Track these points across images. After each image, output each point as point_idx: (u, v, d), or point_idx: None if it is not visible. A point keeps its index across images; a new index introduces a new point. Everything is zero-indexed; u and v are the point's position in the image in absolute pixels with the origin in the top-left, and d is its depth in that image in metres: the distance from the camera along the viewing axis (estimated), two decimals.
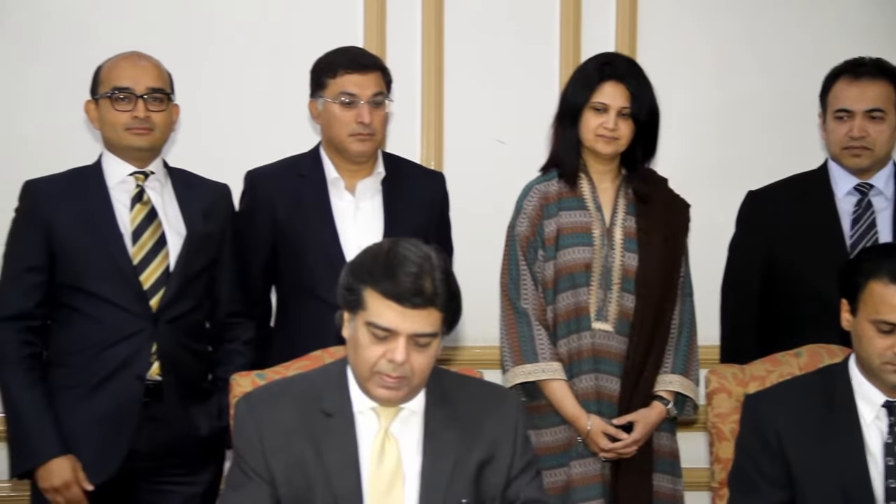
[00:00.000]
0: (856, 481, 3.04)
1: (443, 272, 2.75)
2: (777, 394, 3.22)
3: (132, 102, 3.60)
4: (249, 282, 3.88)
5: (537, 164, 3.92)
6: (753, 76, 4.85)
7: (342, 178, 3.86)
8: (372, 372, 2.75)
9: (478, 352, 4.57)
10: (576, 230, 3.80)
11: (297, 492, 2.78)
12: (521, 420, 2.95)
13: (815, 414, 3.11)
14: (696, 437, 4.43)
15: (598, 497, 3.73)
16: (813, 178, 4.05)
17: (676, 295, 3.84)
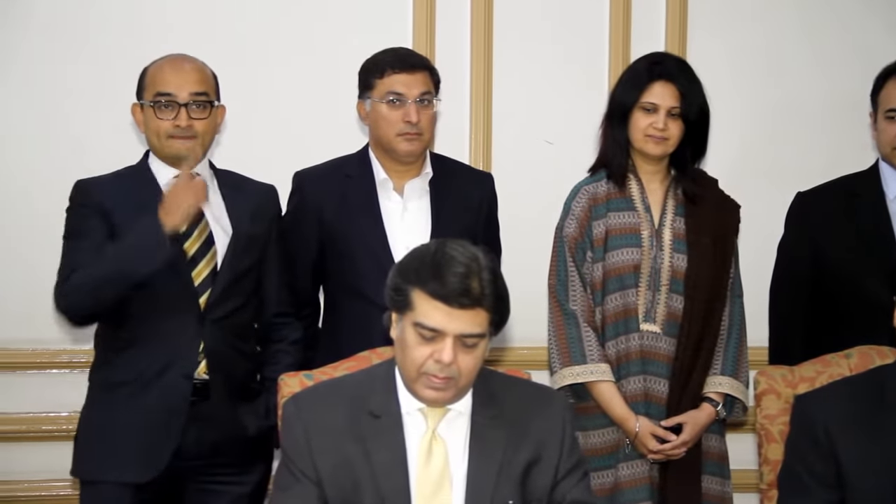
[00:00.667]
0: None
1: (490, 273, 2.75)
2: (827, 393, 3.19)
3: (175, 110, 3.60)
4: (297, 282, 3.89)
5: (586, 165, 3.91)
6: (804, 76, 4.83)
7: (390, 178, 3.87)
8: (419, 373, 2.75)
9: (525, 353, 4.56)
10: (624, 231, 3.79)
11: (344, 493, 2.78)
12: (568, 421, 2.94)
13: (865, 413, 3.08)
14: (745, 439, 4.41)
15: (646, 499, 3.72)
16: (863, 178, 4.03)
17: (726, 296, 3.82)
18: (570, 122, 4.62)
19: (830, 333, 3.90)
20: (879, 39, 4.72)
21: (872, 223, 3.92)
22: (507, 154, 4.69)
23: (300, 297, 3.92)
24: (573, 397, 3.75)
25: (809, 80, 4.82)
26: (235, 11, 4.61)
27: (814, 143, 4.81)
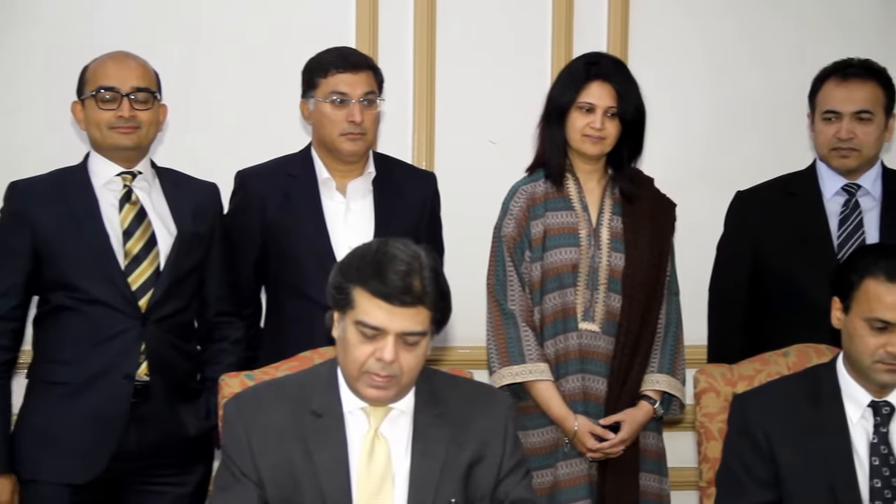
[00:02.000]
0: (842, 481, 3.05)
1: (432, 271, 2.76)
2: (765, 393, 3.24)
3: (117, 102, 3.59)
4: (239, 281, 3.88)
5: (526, 165, 3.93)
6: (744, 77, 4.86)
7: (333, 178, 3.87)
8: (361, 371, 2.75)
9: (466, 352, 4.57)
10: (562, 231, 3.81)
11: (285, 493, 2.78)
12: (511, 420, 2.96)
13: (802, 414, 3.12)
14: (682, 437, 4.44)
15: (584, 497, 3.74)
16: (801, 178, 4.06)
17: (663, 295, 3.85)
18: (513, 122, 4.61)
19: (769, 332, 3.93)
20: (818, 41, 4.76)
21: (810, 223, 3.96)
22: (449, 154, 4.69)
23: (242, 297, 3.91)
24: (512, 396, 3.74)
25: (748, 80, 4.86)
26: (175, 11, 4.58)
27: (753, 143, 4.84)
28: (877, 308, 3.01)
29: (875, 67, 3.95)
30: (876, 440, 3.08)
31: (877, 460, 3.06)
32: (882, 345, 3.02)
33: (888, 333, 3.01)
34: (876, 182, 3.98)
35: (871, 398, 3.10)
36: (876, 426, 3.09)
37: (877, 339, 3.02)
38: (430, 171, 4.38)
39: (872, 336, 3.03)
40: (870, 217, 3.95)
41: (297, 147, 3.98)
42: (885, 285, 3.01)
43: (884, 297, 3.01)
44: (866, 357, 3.05)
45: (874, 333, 3.03)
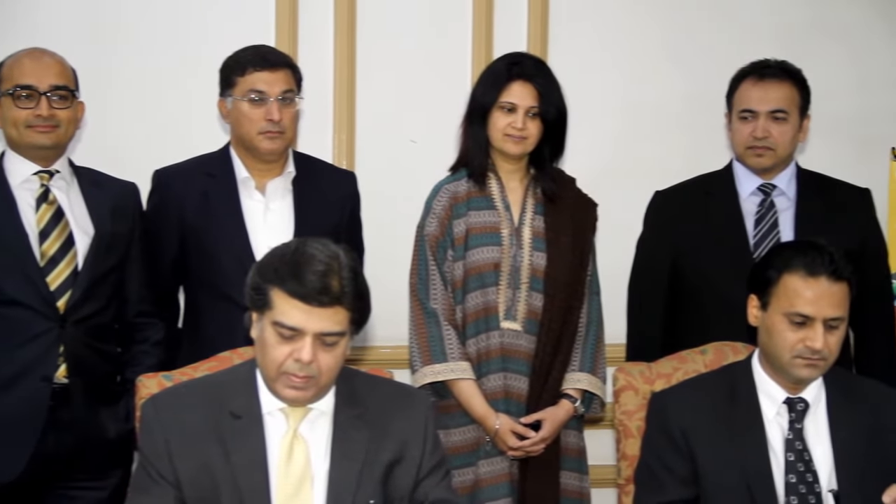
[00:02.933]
0: (758, 477, 3.08)
1: (350, 271, 2.75)
2: (683, 391, 3.26)
3: (35, 100, 3.56)
4: (158, 282, 3.85)
5: (449, 164, 3.94)
6: (663, 77, 4.90)
7: (252, 177, 3.84)
8: (279, 372, 2.74)
9: (387, 352, 4.56)
10: (485, 230, 3.82)
11: (203, 494, 2.76)
12: (430, 420, 2.96)
13: (719, 411, 3.15)
14: (603, 435, 4.46)
15: (505, 496, 3.76)
16: (718, 178, 4.10)
17: (584, 294, 3.88)
18: (433, 121, 4.63)
19: (687, 330, 3.96)
20: (737, 42, 4.80)
21: (727, 222, 3.99)
22: (370, 153, 4.68)
23: (162, 297, 3.88)
24: (434, 395, 3.76)
25: (668, 80, 4.89)
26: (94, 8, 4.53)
27: (671, 143, 4.87)
28: (797, 303, 3.05)
29: (791, 68, 3.99)
30: (791, 436, 3.11)
31: (792, 456, 3.10)
32: (801, 339, 3.05)
33: (807, 328, 3.04)
34: (791, 182, 4.02)
35: (787, 395, 3.14)
36: (791, 422, 3.13)
37: (796, 335, 3.06)
38: (351, 170, 4.37)
39: (792, 331, 3.06)
40: (785, 217, 3.98)
41: (215, 146, 3.95)
42: (805, 280, 3.04)
43: (803, 291, 3.04)
44: (786, 352, 3.08)
45: (793, 328, 3.06)
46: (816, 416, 3.14)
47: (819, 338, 3.03)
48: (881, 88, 4.99)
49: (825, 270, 3.03)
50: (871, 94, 4.98)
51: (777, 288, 3.09)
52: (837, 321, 3.05)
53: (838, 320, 3.05)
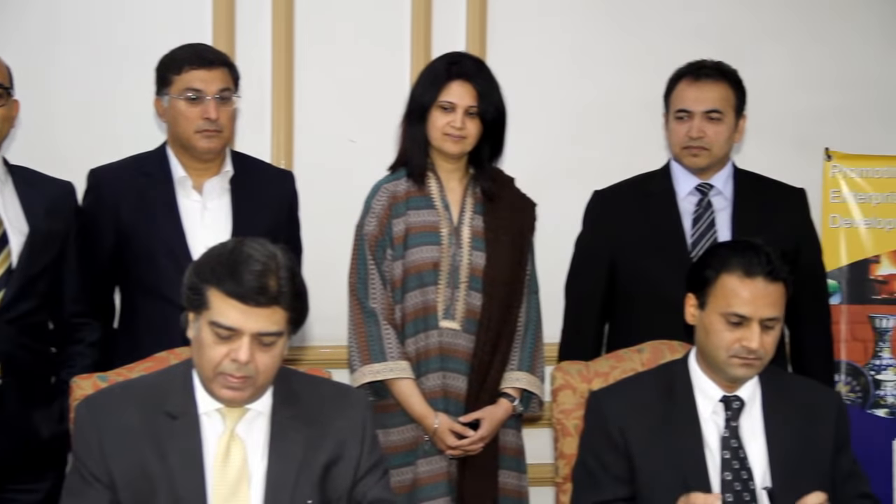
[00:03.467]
0: (694, 474, 3.09)
1: (288, 271, 2.73)
2: (620, 390, 3.27)
3: None
4: (94, 282, 3.81)
5: (388, 164, 3.93)
6: (602, 77, 4.92)
7: (189, 177, 3.82)
8: (216, 372, 2.72)
9: (326, 351, 4.55)
10: (424, 229, 3.82)
11: (139, 496, 2.73)
12: (368, 420, 2.95)
13: (656, 409, 3.16)
14: (541, 434, 4.47)
15: (444, 495, 3.76)
16: (656, 177, 4.12)
17: (523, 293, 3.89)
18: (372, 120, 4.62)
19: (625, 329, 3.98)
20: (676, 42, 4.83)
21: (664, 221, 4.01)
22: (308, 152, 4.67)
23: (97, 298, 3.84)
24: (373, 395, 3.76)
25: (606, 80, 4.92)
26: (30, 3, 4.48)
27: (611, 143, 4.90)
28: (734, 303, 3.06)
29: (726, 69, 4.02)
30: (727, 434, 3.13)
31: (727, 454, 3.11)
32: (738, 339, 3.06)
33: (743, 328, 3.06)
34: (727, 182, 4.05)
35: (723, 393, 3.15)
36: (727, 420, 3.14)
37: (732, 334, 3.07)
38: (289, 170, 4.36)
39: (728, 331, 3.08)
40: (722, 216, 4.01)
41: (152, 145, 3.92)
42: (742, 280, 3.06)
43: (740, 292, 3.06)
44: (722, 351, 3.09)
45: (730, 328, 3.07)
46: (752, 415, 3.16)
47: (755, 338, 3.05)
48: (816, 90, 5.05)
49: (762, 271, 3.05)
50: (807, 96, 5.04)
51: (714, 288, 3.11)
52: (773, 321, 3.08)
53: (774, 320, 3.08)
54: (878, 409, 4.82)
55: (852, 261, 4.86)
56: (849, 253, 4.86)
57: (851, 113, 5.05)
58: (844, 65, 5.08)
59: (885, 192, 4.88)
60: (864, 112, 5.06)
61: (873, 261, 4.86)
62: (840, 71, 5.07)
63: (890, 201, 4.88)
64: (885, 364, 4.83)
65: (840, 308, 4.79)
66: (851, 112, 5.05)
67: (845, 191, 4.89)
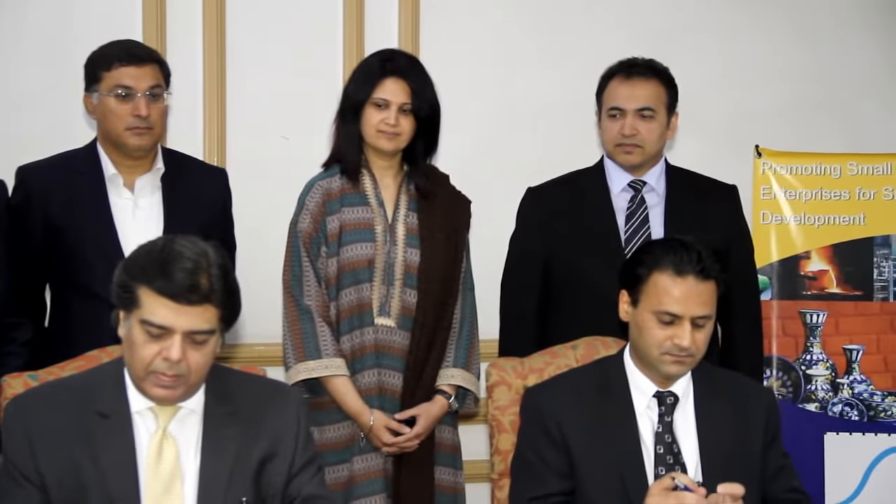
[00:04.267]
0: (630, 469, 3.10)
1: (220, 268, 2.71)
2: (556, 385, 3.28)
3: None
4: (23, 280, 3.75)
5: (321, 161, 3.92)
6: (536, 74, 4.94)
7: (120, 174, 3.78)
8: (147, 371, 2.69)
9: (261, 349, 4.52)
10: (358, 226, 3.81)
11: (70, 496, 2.70)
12: (303, 416, 2.93)
13: (592, 404, 3.17)
14: (477, 430, 4.47)
15: (380, 492, 3.75)
16: (589, 174, 4.13)
17: (458, 290, 3.89)
18: (305, 117, 4.61)
19: (560, 325, 3.97)
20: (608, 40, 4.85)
21: (598, 218, 4.02)
22: (241, 149, 4.63)
23: (28, 297, 3.79)
24: (308, 392, 3.74)
25: (540, 77, 4.93)
26: None
27: (545, 140, 4.91)
28: (665, 301, 3.07)
29: (658, 67, 4.05)
30: (660, 429, 3.15)
31: (661, 448, 3.13)
32: (669, 337, 3.07)
33: (675, 326, 3.07)
34: (660, 179, 4.07)
35: (656, 388, 3.16)
36: (660, 415, 3.16)
37: (664, 332, 3.08)
38: (222, 167, 4.33)
39: (660, 328, 3.09)
40: (655, 213, 4.03)
41: (81, 142, 3.88)
42: (673, 279, 3.07)
43: (671, 290, 3.07)
44: (654, 349, 3.10)
45: (662, 326, 3.08)
46: (685, 410, 3.18)
47: (686, 336, 3.07)
48: (746, 87, 5.09)
49: (693, 270, 3.06)
50: (737, 92, 5.09)
51: (646, 286, 3.12)
52: (704, 319, 3.09)
53: (705, 318, 3.09)
54: (808, 403, 4.87)
55: (783, 257, 4.90)
56: (779, 249, 4.90)
57: (781, 110, 5.10)
58: (775, 62, 5.13)
59: (814, 188, 4.93)
60: (794, 109, 5.11)
61: (803, 257, 4.91)
62: (770, 67, 5.12)
63: (819, 198, 4.93)
64: (815, 359, 4.88)
65: (771, 304, 4.83)
66: (781, 109, 5.10)
67: (775, 187, 4.93)
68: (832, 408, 4.88)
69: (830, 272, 4.90)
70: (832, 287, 4.90)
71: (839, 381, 4.89)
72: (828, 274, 4.91)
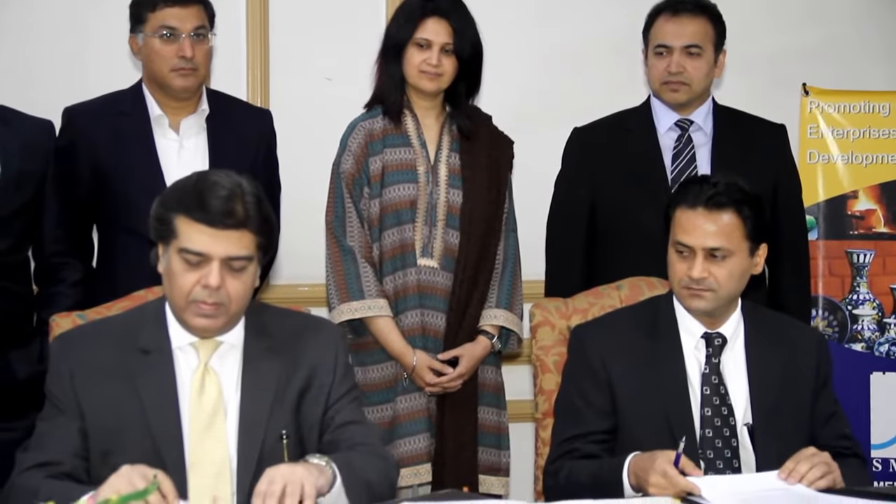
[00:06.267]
0: (676, 409, 3.09)
1: (254, 196, 2.72)
2: (604, 324, 3.27)
3: None
4: (72, 222, 3.79)
5: (364, 102, 3.92)
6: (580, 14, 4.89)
7: (165, 115, 3.80)
8: (188, 301, 2.70)
9: (304, 290, 4.54)
10: (401, 167, 3.81)
11: (108, 432, 2.73)
12: (340, 348, 2.94)
13: (639, 343, 3.16)
14: (520, 370, 4.48)
15: (423, 431, 3.78)
16: (636, 114, 4.10)
17: (500, 231, 3.89)
18: (348, 58, 4.60)
19: (606, 266, 3.96)
20: None
21: (645, 158, 4.00)
22: (284, 90, 4.64)
23: (76, 238, 3.83)
24: (351, 333, 3.77)
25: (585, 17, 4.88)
26: None
27: (591, 80, 4.87)
28: (679, 233, 3.07)
29: (706, 4, 3.99)
30: (707, 370, 3.13)
31: (707, 389, 3.11)
32: (686, 270, 3.06)
33: (690, 258, 3.06)
34: (707, 118, 4.04)
35: (704, 329, 3.15)
36: (708, 357, 3.14)
37: (682, 265, 3.07)
38: (266, 108, 4.33)
39: (679, 262, 3.08)
40: (702, 152, 4.00)
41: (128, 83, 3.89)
42: (687, 212, 3.06)
43: (684, 222, 3.06)
44: (675, 283, 3.11)
45: (680, 259, 3.08)
46: (734, 352, 3.16)
47: (697, 267, 3.04)
48: (794, 25, 5.02)
49: (703, 200, 3.04)
50: (784, 31, 5.01)
51: (672, 222, 3.12)
52: (721, 251, 3.05)
53: (721, 251, 3.05)
54: (854, 343, 4.84)
55: (829, 196, 4.85)
56: (826, 188, 4.85)
57: (829, 48, 5.02)
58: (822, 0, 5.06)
59: (862, 126, 4.87)
60: (842, 47, 5.03)
61: (851, 196, 4.86)
62: (817, 4, 5.05)
63: (867, 136, 4.87)
64: (862, 299, 4.85)
65: (817, 244, 4.79)
66: (829, 47, 5.02)
67: (823, 126, 4.88)
68: (878, 347, 4.85)
69: (878, 211, 4.85)
70: (879, 226, 4.85)
71: (886, 321, 4.85)
72: (875, 213, 4.85)
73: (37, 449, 2.75)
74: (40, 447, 2.74)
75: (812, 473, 2.83)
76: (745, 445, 3.08)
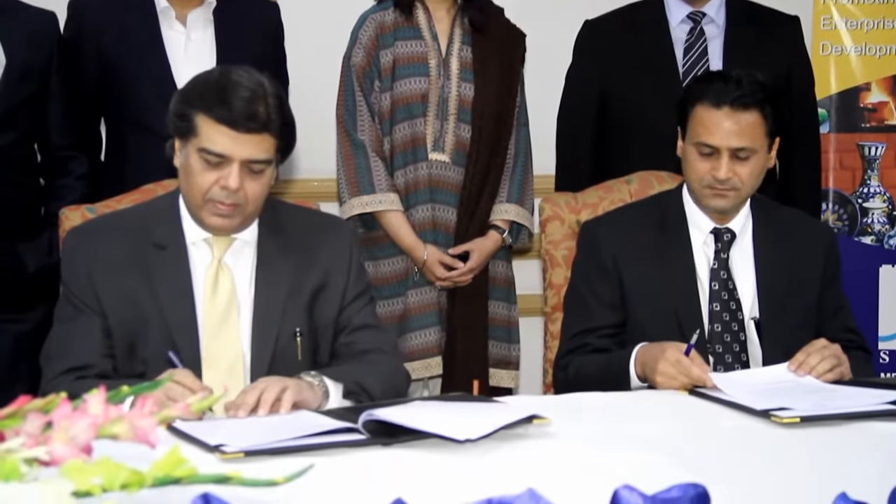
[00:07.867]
0: (685, 303, 3.11)
1: (276, 98, 2.70)
2: (614, 219, 3.28)
3: None
4: (79, 114, 3.76)
5: None
6: None
7: (172, 7, 3.74)
8: (205, 199, 2.70)
9: (315, 185, 4.52)
10: (412, 60, 3.78)
11: (129, 326, 2.75)
12: (354, 248, 2.95)
13: (649, 238, 3.17)
14: (530, 265, 4.49)
15: (434, 324, 3.80)
16: (648, 6, 4.06)
17: (512, 125, 3.87)
18: None
19: (616, 160, 3.95)
20: None
21: (656, 51, 3.97)
22: None
23: (84, 130, 3.80)
24: (362, 227, 3.77)
25: None
26: None
27: None
28: (702, 133, 3.04)
29: None
30: (716, 266, 3.14)
31: (716, 285, 3.12)
32: (709, 170, 3.05)
33: (714, 158, 3.04)
34: (720, 10, 3.99)
35: (714, 224, 3.15)
36: (716, 252, 3.15)
37: (704, 165, 3.06)
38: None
39: (701, 161, 3.06)
40: (714, 45, 3.97)
41: None
42: (710, 111, 3.03)
43: (708, 122, 3.03)
44: (696, 182, 3.09)
45: (702, 159, 3.06)
46: (743, 247, 3.17)
47: (723, 168, 3.03)
48: None
49: (729, 99, 3.01)
50: None
51: (690, 119, 3.09)
52: (746, 151, 3.04)
53: (746, 150, 3.04)
54: (864, 236, 4.84)
55: (842, 89, 4.80)
56: (838, 81, 4.80)
57: None
58: None
59: (876, 17, 4.80)
60: None
61: (863, 88, 4.82)
62: None
63: (881, 27, 4.81)
64: (872, 192, 4.83)
65: (828, 137, 4.75)
66: None
67: (836, 17, 4.80)
68: (888, 240, 4.84)
69: (891, 103, 4.81)
70: (892, 119, 4.81)
71: None
72: (888, 105, 4.81)
73: (62, 354, 2.75)
74: (66, 352, 2.75)
75: (822, 366, 2.85)
76: (753, 340, 3.10)
